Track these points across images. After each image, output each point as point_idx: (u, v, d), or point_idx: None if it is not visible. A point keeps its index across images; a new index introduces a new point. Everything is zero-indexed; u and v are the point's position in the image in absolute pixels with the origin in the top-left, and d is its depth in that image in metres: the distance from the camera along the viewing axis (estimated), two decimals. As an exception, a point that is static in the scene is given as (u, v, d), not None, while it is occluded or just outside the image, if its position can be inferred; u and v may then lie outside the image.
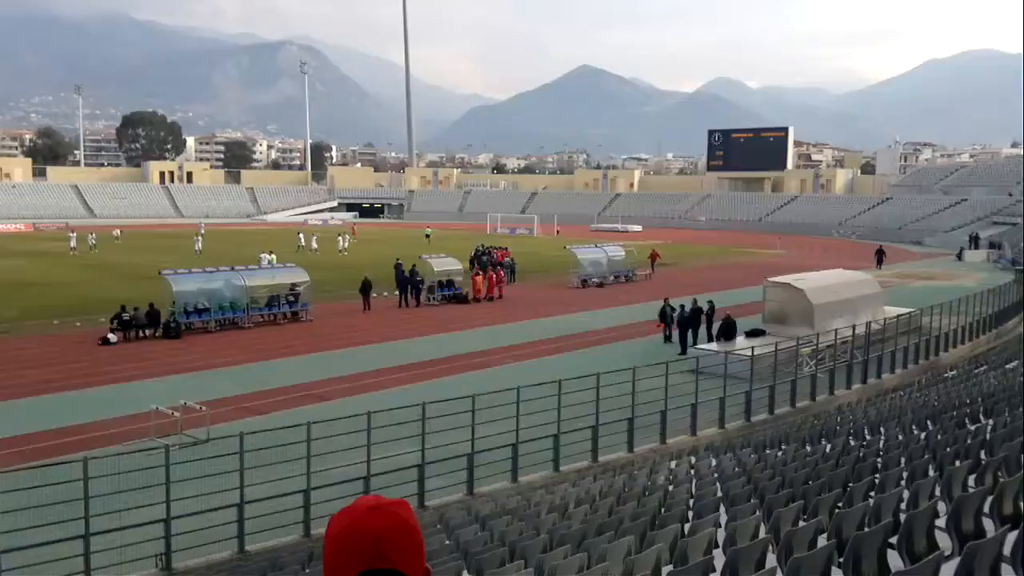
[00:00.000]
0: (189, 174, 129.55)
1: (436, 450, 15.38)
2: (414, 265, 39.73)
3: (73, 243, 60.72)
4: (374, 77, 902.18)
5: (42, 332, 30.08)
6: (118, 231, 74.45)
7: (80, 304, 35.31)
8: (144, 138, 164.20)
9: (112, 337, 28.27)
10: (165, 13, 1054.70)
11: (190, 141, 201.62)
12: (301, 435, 13.85)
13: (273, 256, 48.79)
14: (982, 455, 9.71)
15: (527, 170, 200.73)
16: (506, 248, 53.76)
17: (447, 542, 10.65)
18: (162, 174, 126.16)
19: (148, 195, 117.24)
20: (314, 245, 63.55)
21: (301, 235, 67.20)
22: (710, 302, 30.25)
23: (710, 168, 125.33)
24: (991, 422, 12.38)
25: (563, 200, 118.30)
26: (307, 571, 10.50)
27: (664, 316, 29.52)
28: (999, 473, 8.31)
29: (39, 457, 15.49)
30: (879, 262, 55.77)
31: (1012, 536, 5.19)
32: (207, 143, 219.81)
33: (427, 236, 73.65)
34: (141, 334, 29.36)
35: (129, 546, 11.94)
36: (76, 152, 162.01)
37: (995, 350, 27.19)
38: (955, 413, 14.24)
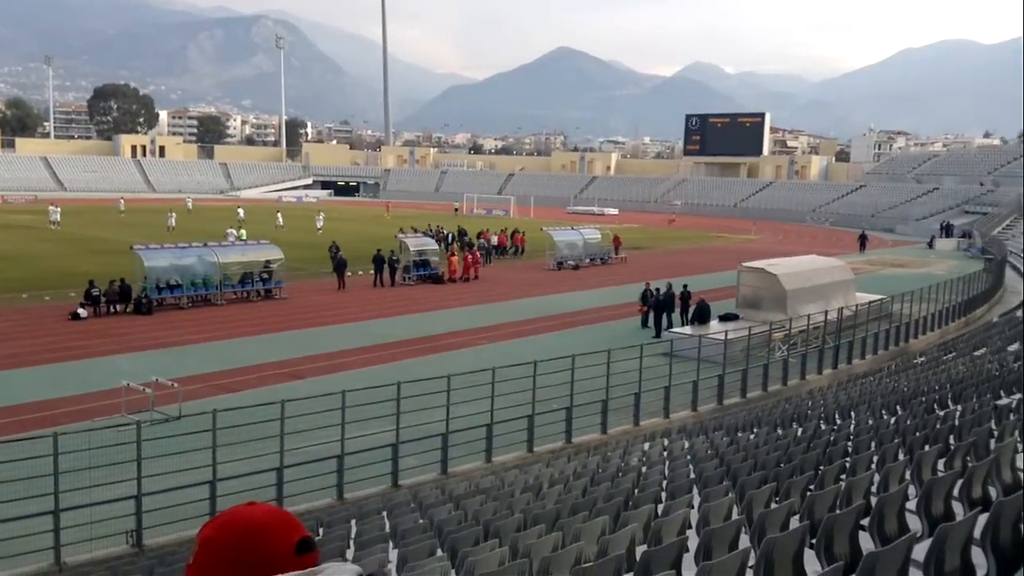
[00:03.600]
0: (161, 148, 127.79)
1: (410, 429, 15.37)
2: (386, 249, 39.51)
3: (56, 217, 58.73)
4: (351, 54, 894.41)
5: (10, 306, 29.66)
6: (122, 202, 74.52)
7: (50, 278, 34.85)
8: (116, 111, 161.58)
9: (82, 312, 27.93)
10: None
11: (163, 115, 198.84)
12: (274, 413, 13.77)
13: (242, 232, 48.51)
14: (951, 440, 9.85)
15: (504, 151, 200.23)
16: (523, 232, 52.63)
17: (421, 521, 10.66)
18: (134, 148, 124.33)
19: (119, 169, 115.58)
20: (279, 222, 62.59)
21: (241, 210, 66.57)
22: (685, 286, 30.38)
23: (687, 152, 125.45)
24: (959, 408, 12.55)
25: (540, 182, 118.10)
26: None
27: (646, 299, 29.58)
28: (968, 458, 8.43)
29: (7, 432, 15.32)
30: (862, 247, 57.59)
31: (983, 519, 5.26)
32: (180, 117, 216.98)
33: (456, 210, 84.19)
34: (112, 309, 29.03)
35: (99, 522, 11.85)
36: (46, 124, 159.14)
37: (964, 337, 27.55)
38: (924, 399, 14.42)
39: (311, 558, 1.66)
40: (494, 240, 49.94)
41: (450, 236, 49.81)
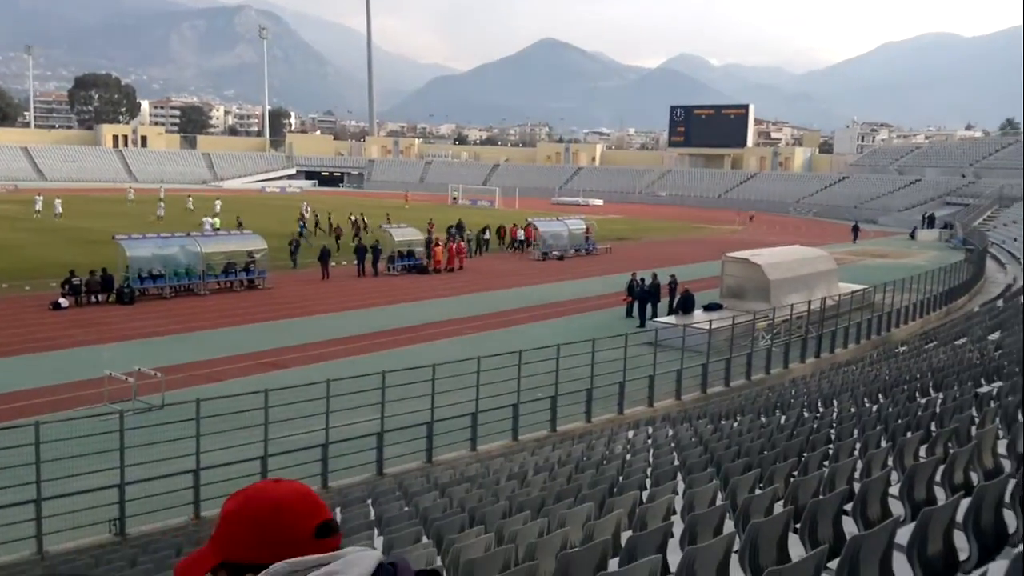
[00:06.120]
0: (143, 138, 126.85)
1: (395, 418, 15.35)
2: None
3: (58, 208, 57.69)
4: (334, 44, 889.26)
5: (-10, 296, 29.39)
6: (131, 192, 75.47)
7: (30, 268, 34.55)
8: (97, 101, 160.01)
9: (63, 302, 27.71)
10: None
11: (145, 105, 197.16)
12: (258, 402, 13.72)
13: (216, 220, 48.32)
14: (933, 427, 9.92)
15: (489, 142, 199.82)
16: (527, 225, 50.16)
17: (406, 508, 10.66)
18: (115, 138, 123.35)
19: (101, 159, 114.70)
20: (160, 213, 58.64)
21: (198, 200, 65.87)
22: (672, 276, 30.42)
23: (671, 144, 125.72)
24: (941, 395, 12.65)
25: (525, 173, 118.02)
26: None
27: (632, 290, 29.58)
28: (949, 444, 8.49)
29: (-12, 422, 15.17)
30: (855, 237, 59.60)
31: (965, 503, 5.30)
32: (162, 107, 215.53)
33: (454, 199, 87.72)
34: (93, 299, 28.82)
35: (82, 511, 11.77)
36: (26, 113, 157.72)
37: (945, 327, 27.77)
38: (906, 387, 14.52)
39: (331, 542, 1.63)
40: (521, 235, 48.89)
41: (450, 228, 48.57)
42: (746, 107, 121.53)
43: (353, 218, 50.21)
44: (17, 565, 11.15)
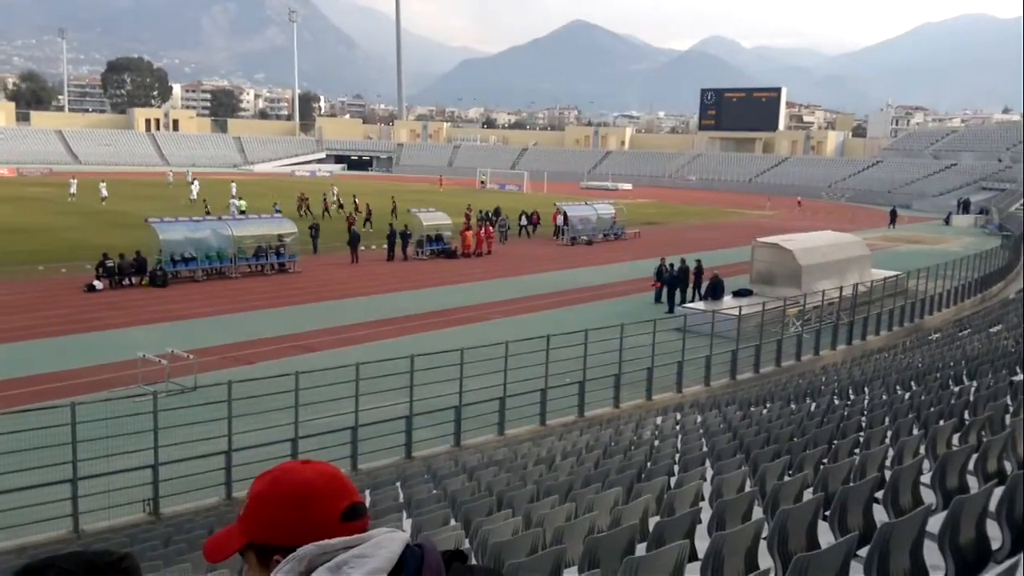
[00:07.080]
0: (175, 122, 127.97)
1: (424, 402, 15.43)
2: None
3: (103, 192, 57.80)
4: (363, 27, 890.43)
5: (27, 278, 29.84)
6: (171, 175, 76.77)
7: (66, 250, 35.04)
8: (130, 84, 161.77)
9: (98, 284, 28.11)
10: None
11: (176, 88, 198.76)
12: (289, 384, 13.85)
13: (243, 202, 48.67)
14: (966, 415, 9.80)
15: (517, 125, 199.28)
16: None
17: (435, 491, 10.73)
18: (148, 121, 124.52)
19: (133, 142, 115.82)
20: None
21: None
22: (698, 261, 30.25)
23: (702, 127, 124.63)
24: (975, 384, 12.50)
25: (553, 157, 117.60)
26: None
27: (660, 275, 29.44)
28: (983, 432, 8.40)
29: (26, 402, 15.45)
30: (892, 221, 59.17)
31: (998, 492, 5.25)
32: (194, 91, 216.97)
33: (482, 183, 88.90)
34: (127, 282, 29.20)
35: (117, 491, 11.98)
36: (60, 97, 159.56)
37: (979, 314, 27.37)
38: (939, 374, 14.36)
39: (359, 525, 1.62)
40: (561, 219, 48.51)
41: (485, 214, 48.35)
42: (778, 90, 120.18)
43: (340, 202, 52.25)
44: (54, 543, 11.38)
